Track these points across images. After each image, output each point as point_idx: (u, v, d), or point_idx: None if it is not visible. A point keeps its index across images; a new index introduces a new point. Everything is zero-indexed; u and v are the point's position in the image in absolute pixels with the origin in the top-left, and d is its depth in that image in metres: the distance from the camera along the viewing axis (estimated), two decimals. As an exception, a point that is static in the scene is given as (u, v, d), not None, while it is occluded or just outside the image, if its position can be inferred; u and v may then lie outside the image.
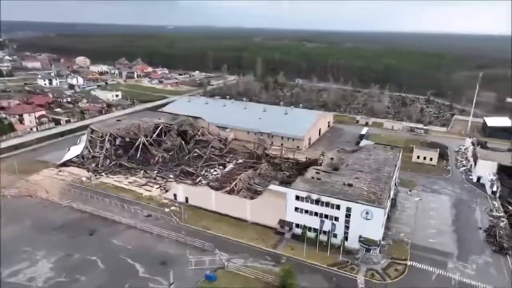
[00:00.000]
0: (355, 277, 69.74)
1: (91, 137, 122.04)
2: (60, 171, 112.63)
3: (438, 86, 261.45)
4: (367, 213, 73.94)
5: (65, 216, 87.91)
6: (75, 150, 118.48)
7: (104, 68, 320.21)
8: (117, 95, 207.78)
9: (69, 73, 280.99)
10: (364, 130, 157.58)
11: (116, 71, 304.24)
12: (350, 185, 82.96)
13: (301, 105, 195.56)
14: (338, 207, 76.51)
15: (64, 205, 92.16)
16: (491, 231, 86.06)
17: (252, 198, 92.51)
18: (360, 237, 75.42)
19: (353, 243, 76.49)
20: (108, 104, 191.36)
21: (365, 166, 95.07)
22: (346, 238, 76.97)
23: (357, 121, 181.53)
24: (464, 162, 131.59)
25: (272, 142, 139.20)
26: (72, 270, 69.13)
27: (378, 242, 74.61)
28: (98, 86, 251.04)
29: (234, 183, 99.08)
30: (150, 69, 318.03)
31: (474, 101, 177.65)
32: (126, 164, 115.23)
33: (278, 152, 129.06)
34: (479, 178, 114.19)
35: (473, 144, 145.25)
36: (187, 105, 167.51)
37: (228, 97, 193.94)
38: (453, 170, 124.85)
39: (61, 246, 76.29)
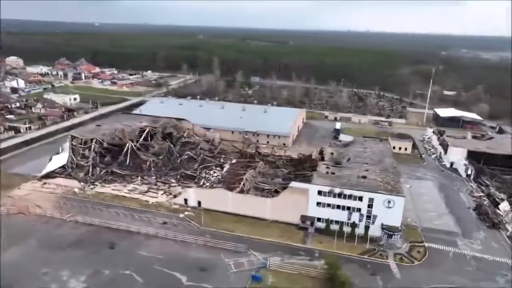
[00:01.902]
0: (387, 262, 74.88)
1: (73, 144, 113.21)
2: (44, 183, 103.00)
3: (384, 81, 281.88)
4: (389, 202, 79.44)
5: (74, 231, 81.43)
6: (58, 160, 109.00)
7: (44, 69, 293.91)
8: (75, 99, 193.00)
9: (3, 75, 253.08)
10: (338, 125, 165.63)
11: (61, 73, 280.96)
12: (364, 177, 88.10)
13: (275, 103, 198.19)
14: (360, 198, 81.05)
15: (68, 220, 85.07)
16: (480, 209, 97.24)
17: (263, 196, 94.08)
18: (382, 225, 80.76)
19: (375, 231, 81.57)
20: (68, 108, 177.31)
21: (367, 158, 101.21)
22: (368, 228, 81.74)
23: (326, 117, 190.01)
24: (432, 150, 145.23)
25: (257, 141, 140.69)
26: (109, 287, 64.94)
27: (400, 228, 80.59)
28: (45, 89, 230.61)
29: (242, 183, 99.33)
30: (97, 69, 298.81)
31: (429, 94, 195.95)
32: (119, 172, 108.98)
33: (265, 150, 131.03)
34: (452, 164, 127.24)
35: (434, 133, 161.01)
36: (161, 106, 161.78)
37: (198, 97, 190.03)
38: (427, 158, 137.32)
39: (84, 263, 70.93)
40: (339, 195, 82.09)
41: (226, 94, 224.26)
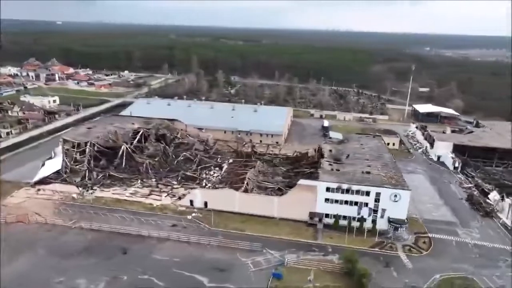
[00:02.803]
0: (397, 254, 77.85)
1: (66, 148, 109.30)
2: (39, 189, 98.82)
3: (360, 79, 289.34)
4: (395, 195, 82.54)
5: (80, 238, 78.94)
6: (52, 165, 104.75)
7: (12, 70, 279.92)
8: (54, 101, 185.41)
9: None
10: (326, 123, 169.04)
11: (32, 74, 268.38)
12: (368, 172, 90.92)
13: (262, 102, 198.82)
14: (368, 193, 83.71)
15: (73, 227, 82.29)
16: (472, 200, 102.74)
17: (267, 195, 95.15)
18: (389, 218, 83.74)
19: (381, 224, 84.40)
20: (48, 111, 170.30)
21: (366, 154, 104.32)
22: (375, 221, 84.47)
23: (312, 115, 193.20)
24: (418, 145, 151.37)
25: (250, 140, 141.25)
26: (130, 293, 63.77)
27: (406, 220, 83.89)
28: (17, 91, 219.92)
29: (246, 182, 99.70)
30: (71, 70, 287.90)
31: (409, 91, 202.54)
32: (117, 175, 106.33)
33: (260, 149, 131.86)
34: (439, 157, 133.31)
35: (417, 128, 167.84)
36: (149, 107, 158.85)
37: (185, 97, 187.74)
38: (414, 153, 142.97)
39: (99, 270, 69.10)
40: (347, 190, 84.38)
41: (210, 93, 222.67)
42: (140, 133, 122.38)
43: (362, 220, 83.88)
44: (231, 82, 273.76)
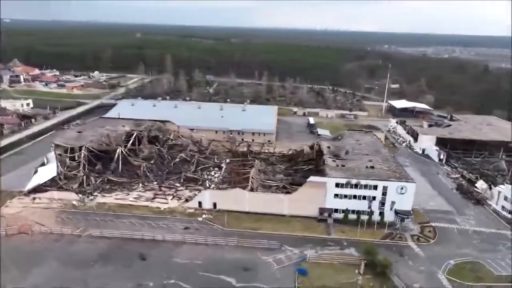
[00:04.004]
0: (407, 243, 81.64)
1: (59, 154, 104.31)
2: (34, 198, 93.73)
3: (334, 76, 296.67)
4: (402, 188, 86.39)
5: (92, 246, 76.04)
6: (46, 172, 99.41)
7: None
8: (28, 104, 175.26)
9: None
10: (311, 120, 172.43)
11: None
12: (372, 167, 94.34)
13: (248, 101, 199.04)
14: (375, 187, 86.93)
15: (82, 235, 79.02)
16: (462, 189, 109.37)
17: (273, 192, 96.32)
18: (395, 210, 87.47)
19: (388, 216, 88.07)
20: (23, 115, 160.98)
21: (364, 150, 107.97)
22: (383, 214, 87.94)
23: (295, 112, 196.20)
24: (401, 139, 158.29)
25: (242, 139, 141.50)
26: (160, 298, 62.55)
27: (411, 212, 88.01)
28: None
29: (251, 182, 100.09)
30: (37, 71, 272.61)
31: (386, 88, 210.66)
32: (116, 180, 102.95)
33: (254, 148, 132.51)
34: (423, 150, 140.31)
35: (397, 123, 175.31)
36: (135, 108, 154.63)
37: (168, 97, 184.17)
38: (399, 147, 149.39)
39: (121, 278, 67.15)
40: (356, 185, 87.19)
41: (190, 93, 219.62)
42: (134, 135, 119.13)
43: (370, 213, 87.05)
44: (207, 81, 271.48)
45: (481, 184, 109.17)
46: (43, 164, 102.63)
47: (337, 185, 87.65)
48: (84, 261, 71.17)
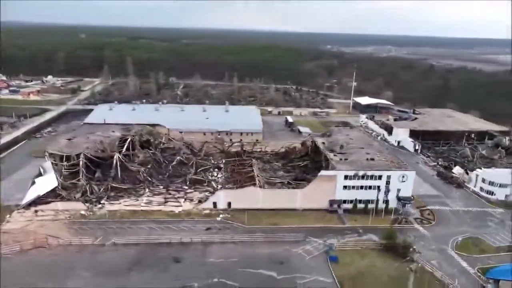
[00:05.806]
0: (413, 226, 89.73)
1: (54, 163, 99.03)
2: (36, 211, 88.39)
3: (294, 76, 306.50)
4: (403, 176, 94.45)
5: (120, 254, 74.42)
6: (45, 183, 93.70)
7: None
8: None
9: None
10: (290, 118, 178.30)
11: None
12: (372, 159, 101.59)
13: (228, 102, 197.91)
14: (380, 177, 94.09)
15: (106, 244, 76.65)
16: (442, 175, 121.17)
17: (283, 188, 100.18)
18: (398, 197, 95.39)
19: (392, 203, 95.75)
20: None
21: (357, 144, 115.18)
22: (388, 202, 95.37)
23: (270, 112, 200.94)
24: (374, 133, 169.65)
25: (231, 139, 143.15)
26: (211, 298, 63.50)
27: (412, 197, 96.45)
28: None
29: (258, 180, 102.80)
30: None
31: (353, 86, 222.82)
32: (120, 186, 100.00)
33: (239, 148, 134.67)
34: (399, 142, 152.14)
35: (367, 118, 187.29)
36: (114, 113, 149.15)
37: (144, 101, 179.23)
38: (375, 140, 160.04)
39: (163, 282, 66.98)
40: (362, 176, 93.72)
41: (159, 96, 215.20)
42: (128, 140, 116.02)
43: (377, 201, 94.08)
44: (171, 83, 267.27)
45: (457, 170, 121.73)
46: (39, 175, 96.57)
47: (345, 177, 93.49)
48: (117, 270, 69.62)
